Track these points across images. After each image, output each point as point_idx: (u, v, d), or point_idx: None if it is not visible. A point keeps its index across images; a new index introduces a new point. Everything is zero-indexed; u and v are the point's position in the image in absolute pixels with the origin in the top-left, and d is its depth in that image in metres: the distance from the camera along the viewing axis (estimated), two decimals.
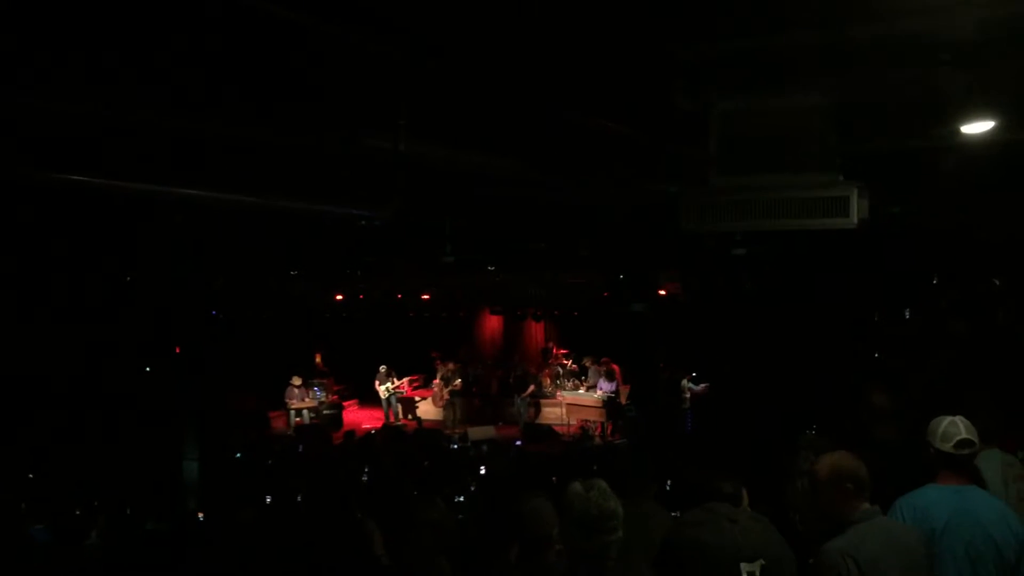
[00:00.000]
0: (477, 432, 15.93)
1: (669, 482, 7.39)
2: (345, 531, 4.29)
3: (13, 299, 11.65)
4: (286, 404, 18.50)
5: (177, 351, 12.73)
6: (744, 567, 1.40)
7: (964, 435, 3.85)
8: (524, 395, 18.34)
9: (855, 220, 4.72)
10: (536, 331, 21.09)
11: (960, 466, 3.89)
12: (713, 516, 1.48)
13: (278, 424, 18.50)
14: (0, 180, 3.57)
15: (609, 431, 16.54)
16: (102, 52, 2.86)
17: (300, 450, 14.73)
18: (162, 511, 9.60)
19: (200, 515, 9.43)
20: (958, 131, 4.44)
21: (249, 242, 11.34)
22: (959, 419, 3.91)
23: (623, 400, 16.61)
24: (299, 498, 9.18)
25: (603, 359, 17.83)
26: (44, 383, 12.48)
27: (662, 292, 15.22)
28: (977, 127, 4.40)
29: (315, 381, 19.49)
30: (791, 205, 4.84)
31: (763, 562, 1.41)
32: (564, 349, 20.31)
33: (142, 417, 12.72)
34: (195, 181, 3.51)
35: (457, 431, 16.98)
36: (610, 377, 17.10)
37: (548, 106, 4.66)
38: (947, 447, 3.86)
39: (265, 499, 9.30)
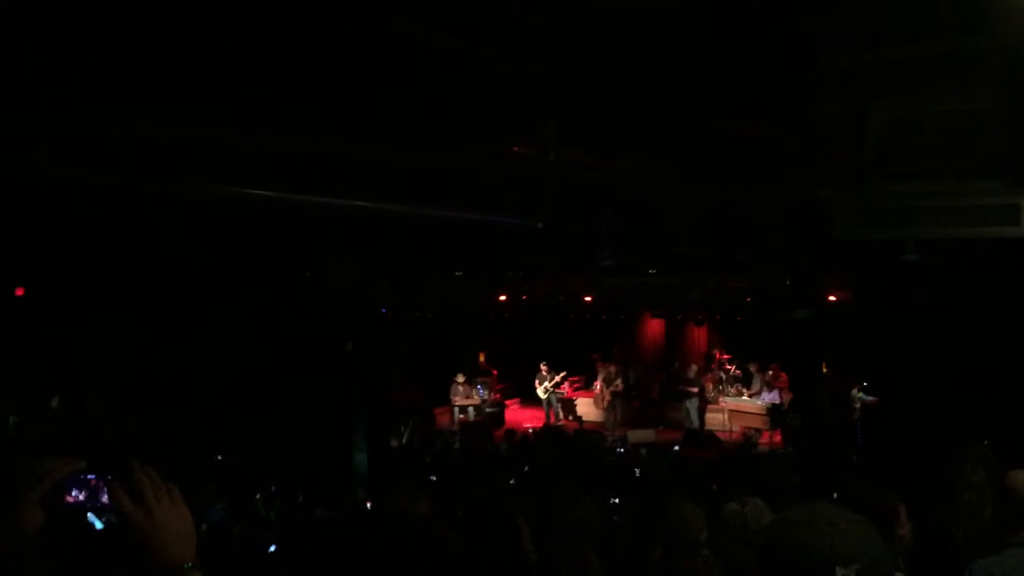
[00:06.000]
0: (637, 435, 15.92)
1: (836, 495, 7.22)
2: (496, 525, 4.51)
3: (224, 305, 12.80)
4: (450, 401, 19.07)
5: (349, 348, 13.43)
6: (839, 571, 1.46)
7: None
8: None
9: None
10: (698, 335, 20.82)
11: None
12: (813, 518, 1.55)
13: (443, 420, 19.10)
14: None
15: (778, 439, 16.15)
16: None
17: (461, 445, 15.19)
18: (332, 499, 10.14)
19: (367, 504, 9.89)
20: None
21: (417, 245, 11.83)
22: None
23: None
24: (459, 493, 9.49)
25: (772, 366, 17.42)
26: (235, 383, 13.53)
27: (832, 298, 14.69)
28: None
29: (478, 379, 19.97)
30: (954, 213, 4.69)
31: (858, 567, 1.46)
32: (727, 354, 19.96)
33: (317, 410, 13.50)
34: (359, 194, 3.83)
35: (617, 433, 16.99)
36: (771, 386, 16.72)
37: (699, 113, 4.70)
38: None
39: (425, 492, 9.64)
